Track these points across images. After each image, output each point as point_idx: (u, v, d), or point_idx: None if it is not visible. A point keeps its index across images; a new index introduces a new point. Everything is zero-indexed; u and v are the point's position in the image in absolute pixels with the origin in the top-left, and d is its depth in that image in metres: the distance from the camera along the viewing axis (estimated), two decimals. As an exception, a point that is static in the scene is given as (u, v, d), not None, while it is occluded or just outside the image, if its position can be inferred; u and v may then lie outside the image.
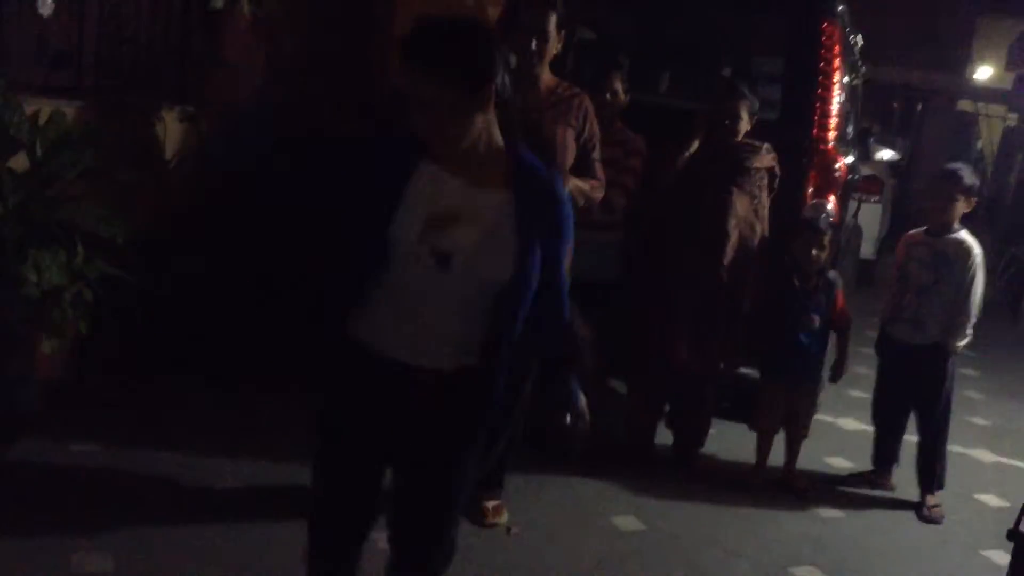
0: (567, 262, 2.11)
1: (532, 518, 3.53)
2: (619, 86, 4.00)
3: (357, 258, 1.99)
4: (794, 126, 4.37)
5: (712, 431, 4.39)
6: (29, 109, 3.56)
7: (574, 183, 3.23)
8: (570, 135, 3.25)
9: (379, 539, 2.19)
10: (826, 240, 4.04)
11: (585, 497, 3.80)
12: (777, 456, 4.21)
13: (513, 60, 2.06)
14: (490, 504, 3.44)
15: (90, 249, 3.65)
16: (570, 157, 3.26)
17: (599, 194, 3.41)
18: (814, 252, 4.01)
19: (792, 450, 4.20)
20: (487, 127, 1.95)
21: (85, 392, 3.89)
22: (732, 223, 3.96)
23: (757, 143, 4.04)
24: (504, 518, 3.45)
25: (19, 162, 3.54)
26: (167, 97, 4.52)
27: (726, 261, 3.96)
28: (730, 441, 4.49)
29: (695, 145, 4.04)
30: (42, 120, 3.68)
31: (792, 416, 4.15)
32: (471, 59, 1.89)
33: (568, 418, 2.06)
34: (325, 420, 2.13)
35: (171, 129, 4.49)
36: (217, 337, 4.01)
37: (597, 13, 5.58)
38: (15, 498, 3.10)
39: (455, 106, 1.89)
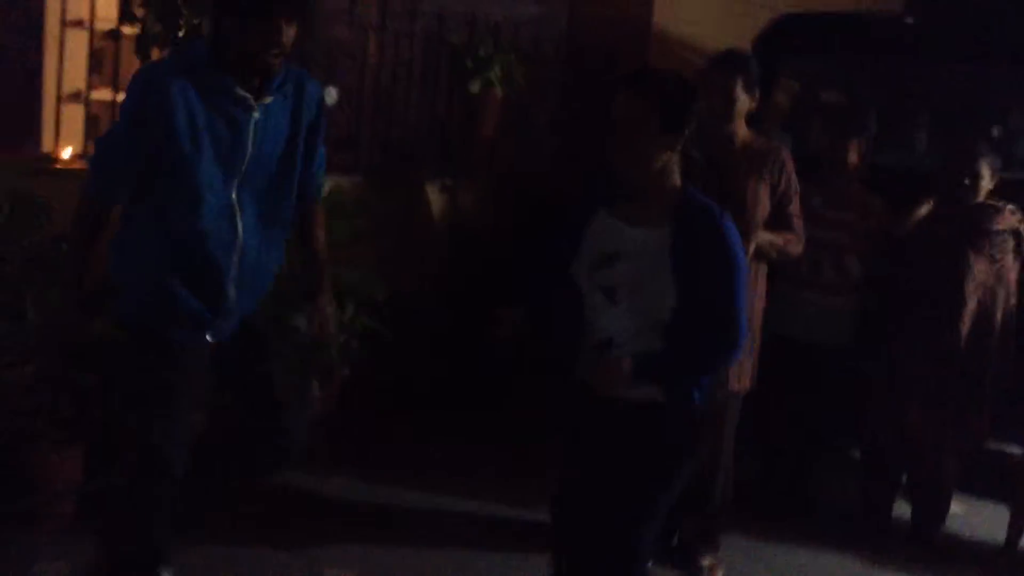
0: (748, 302, 2.28)
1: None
2: (854, 150, 3.99)
3: (560, 298, 2.32)
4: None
5: (959, 508, 4.19)
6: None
7: (765, 236, 3.29)
8: (763, 189, 3.31)
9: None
10: None
11: (812, 567, 3.75)
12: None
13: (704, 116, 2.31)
14: (706, 562, 3.51)
15: (355, 305, 4.17)
16: (763, 210, 3.30)
17: (795, 248, 3.43)
18: None
19: None
20: (667, 167, 2.23)
21: (345, 429, 4.37)
22: (969, 288, 3.82)
23: (1000, 203, 3.89)
24: None
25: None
26: (429, 171, 5.05)
27: (963, 329, 3.82)
28: (982, 520, 4.25)
29: (926, 206, 3.93)
30: (323, 193, 4.28)
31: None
32: (674, 101, 2.20)
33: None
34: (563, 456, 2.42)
35: (432, 200, 5.02)
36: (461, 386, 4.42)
37: (850, 75, 5.59)
38: (278, 517, 3.55)
39: (646, 139, 2.19)
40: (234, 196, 2.40)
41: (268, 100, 2.37)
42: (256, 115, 2.36)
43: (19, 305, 3.12)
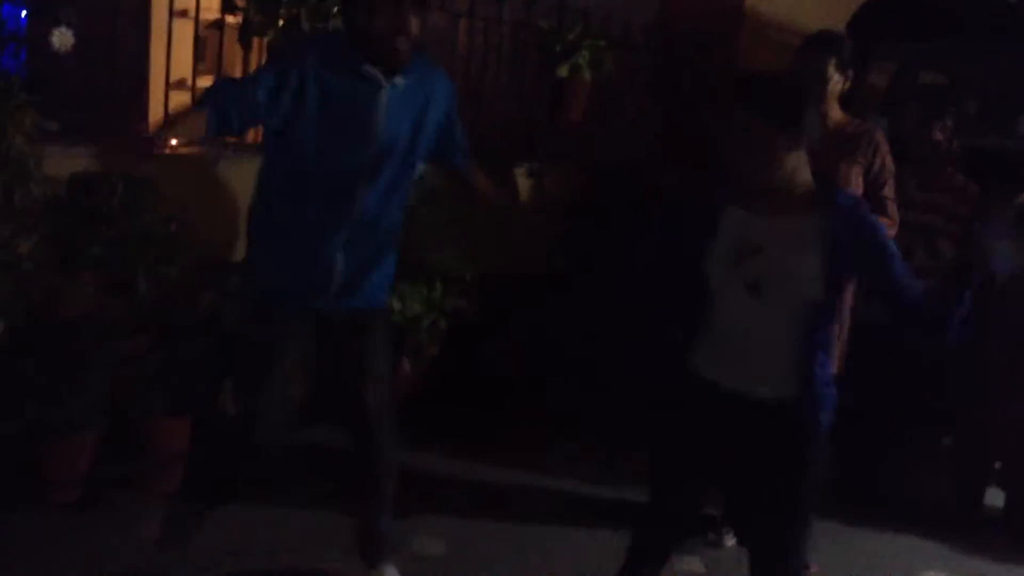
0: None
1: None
2: (939, 134, 3.92)
3: (684, 297, 2.33)
4: None
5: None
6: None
7: None
8: (856, 171, 3.28)
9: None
10: None
11: (894, 553, 3.72)
12: None
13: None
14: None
15: (446, 284, 4.28)
16: (855, 192, 3.29)
17: (890, 232, 3.39)
18: None
19: None
20: (798, 166, 2.22)
21: (431, 410, 4.47)
22: None
23: None
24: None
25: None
26: (518, 156, 5.11)
27: None
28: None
29: None
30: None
31: None
32: (785, 106, 2.20)
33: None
34: (662, 443, 2.45)
35: (520, 184, 5.08)
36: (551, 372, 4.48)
37: (944, 57, 5.46)
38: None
39: (769, 145, 2.19)
40: (358, 169, 2.51)
41: (398, 81, 2.48)
42: (385, 93, 2.47)
43: (132, 280, 3.29)
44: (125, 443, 3.38)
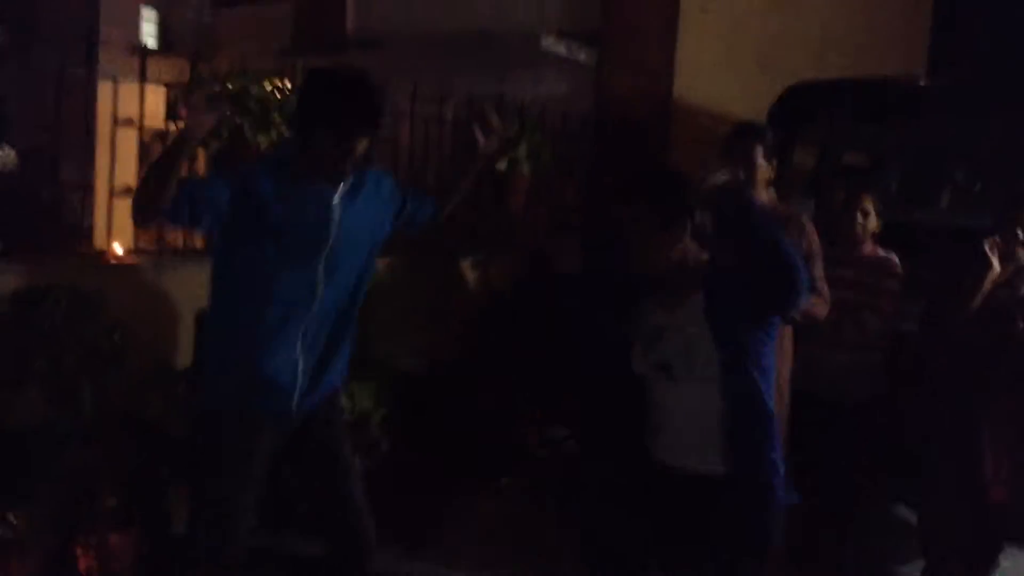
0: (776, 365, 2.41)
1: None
2: (869, 207, 4.06)
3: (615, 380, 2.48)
4: None
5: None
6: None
7: None
8: None
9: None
10: None
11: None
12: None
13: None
14: None
15: (395, 379, 4.31)
16: None
17: (821, 311, 3.50)
18: None
19: None
20: (683, 255, 2.39)
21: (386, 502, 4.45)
22: None
23: None
24: None
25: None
26: (463, 247, 5.22)
27: None
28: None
29: (990, 275, 3.67)
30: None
31: None
32: (666, 204, 2.38)
33: None
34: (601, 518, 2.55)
35: (465, 275, 5.18)
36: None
37: (863, 138, 5.68)
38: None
39: (652, 240, 2.37)
40: (316, 274, 2.60)
41: (346, 188, 2.63)
42: (336, 202, 2.60)
43: (77, 393, 3.29)
44: (73, 559, 3.32)
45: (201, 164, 4.37)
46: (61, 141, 4.24)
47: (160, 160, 2.45)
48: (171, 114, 4.12)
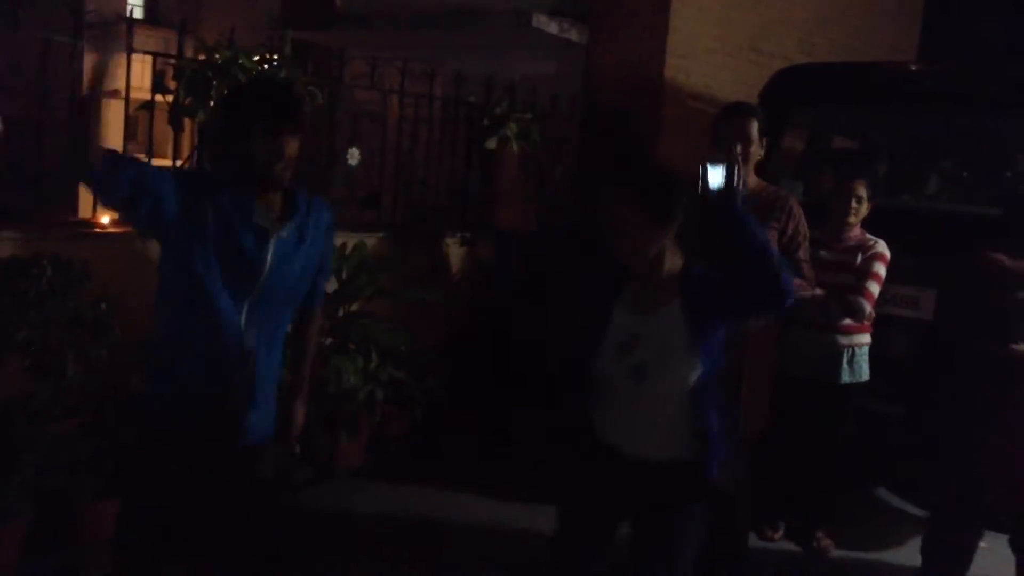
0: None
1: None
2: (863, 193, 4.06)
3: (574, 379, 2.48)
4: None
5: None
6: (339, 241, 4.30)
7: None
8: (770, 236, 3.38)
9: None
10: None
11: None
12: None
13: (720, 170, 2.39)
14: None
15: (381, 356, 4.31)
16: None
17: (805, 293, 3.51)
18: None
19: None
20: (665, 250, 2.38)
21: (372, 476, 4.45)
22: None
23: None
24: None
25: (328, 285, 4.29)
26: (450, 226, 5.21)
27: None
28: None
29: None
30: (348, 250, 4.46)
31: None
32: (657, 198, 2.34)
33: None
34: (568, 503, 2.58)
35: (452, 254, 5.17)
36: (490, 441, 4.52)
37: (853, 123, 5.68)
38: (313, 552, 3.64)
39: (638, 233, 2.34)
40: (245, 309, 2.48)
41: (286, 231, 2.51)
42: (274, 242, 2.49)
43: (61, 363, 3.27)
44: (57, 531, 3.31)
45: (188, 137, 4.35)
46: (46, 111, 4.20)
47: None
48: (158, 87, 4.09)
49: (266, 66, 4.02)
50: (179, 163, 4.27)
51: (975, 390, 3.39)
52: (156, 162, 4.23)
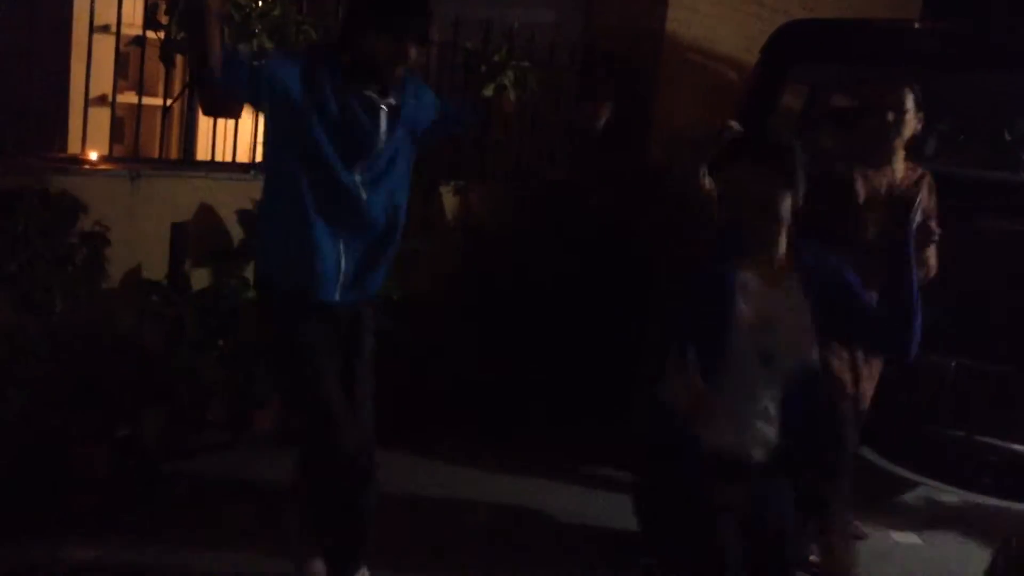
0: None
1: None
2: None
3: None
4: None
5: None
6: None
7: None
8: (933, 227, 3.36)
9: None
10: None
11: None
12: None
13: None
14: None
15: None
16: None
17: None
18: None
19: None
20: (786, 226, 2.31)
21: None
22: None
23: None
24: None
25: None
26: (444, 174, 5.15)
27: None
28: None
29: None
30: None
31: None
32: (798, 174, 2.28)
33: None
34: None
35: (446, 202, 5.12)
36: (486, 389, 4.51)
37: (856, 81, 5.60)
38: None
39: (784, 209, 2.27)
40: (358, 178, 2.65)
41: (394, 100, 2.68)
42: (384, 112, 2.66)
43: (48, 300, 3.23)
44: (44, 470, 3.29)
45: (179, 73, 4.26)
46: (36, 44, 4.12)
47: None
48: (149, 22, 3.99)
49: (259, 3, 3.94)
50: (169, 101, 4.20)
51: None
52: (146, 101, 4.22)
